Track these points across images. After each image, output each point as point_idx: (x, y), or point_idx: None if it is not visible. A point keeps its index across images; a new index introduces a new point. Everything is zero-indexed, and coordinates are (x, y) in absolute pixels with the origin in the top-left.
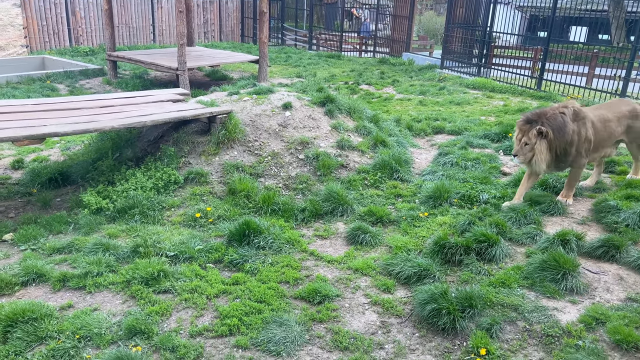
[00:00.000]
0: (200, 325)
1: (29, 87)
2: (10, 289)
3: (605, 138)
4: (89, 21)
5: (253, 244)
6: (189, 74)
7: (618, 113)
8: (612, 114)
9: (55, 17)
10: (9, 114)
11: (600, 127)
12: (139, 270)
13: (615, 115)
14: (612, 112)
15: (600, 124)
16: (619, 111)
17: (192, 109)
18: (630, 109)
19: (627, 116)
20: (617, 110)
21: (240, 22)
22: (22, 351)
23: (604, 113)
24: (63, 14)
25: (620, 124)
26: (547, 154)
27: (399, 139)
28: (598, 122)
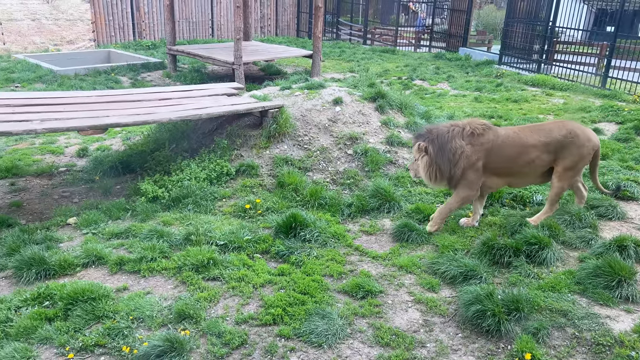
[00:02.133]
0: (245, 313)
1: (95, 79)
2: (72, 269)
3: (523, 165)
4: (151, 16)
5: (299, 236)
6: (245, 68)
7: (549, 138)
8: (541, 138)
9: (120, 12)
10: (76, 105)
11: (513, 153)
12: (190, 257)
13: (543, 140)
14: (541, 136)
15: (513, 150)
16: (552, 136)
17: (245, 103)
18: (565, 134)
19: (560, 143)
20: (550, 135)
21: (296, 17)
22: (81, 328)
23: (527, 137)
24: (128, 9)
25: (547, 150)
26: (428, 169)
27: None
28: (510, 147)
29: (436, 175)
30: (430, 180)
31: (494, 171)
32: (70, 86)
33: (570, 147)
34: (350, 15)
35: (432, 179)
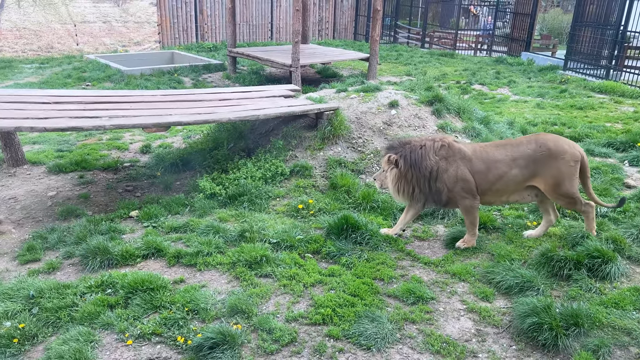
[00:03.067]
0: (296, 312)
1: (159, 79)
2: (133, 260)
3: (493, 181)
4: (214, 19)
5: (350, 238)
6: (301, 70)
7: (517, 153)
8: (508, 153)
9: (185, 15)
10: (141, 103)
11: (482, 168)
12: (244, 253)
13: (511, 155)
14: (509, 151)
15: (481, 164)
16: (520, 151)
17: (301, 105)
18: (535, 148)
19: (530, 157)
20: (518, 149)
21: (354, 20)
22: (140, 316)
23: (493, 152)
24: (192, 12)
25: (516, 165)
26: (396, 183)
27: None
28: (479, 161)
29: (404, 190)
30: (398, 193)
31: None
32: (136, 85)
33: (545, 161)
34: (408, 18)
35: (400, 192)
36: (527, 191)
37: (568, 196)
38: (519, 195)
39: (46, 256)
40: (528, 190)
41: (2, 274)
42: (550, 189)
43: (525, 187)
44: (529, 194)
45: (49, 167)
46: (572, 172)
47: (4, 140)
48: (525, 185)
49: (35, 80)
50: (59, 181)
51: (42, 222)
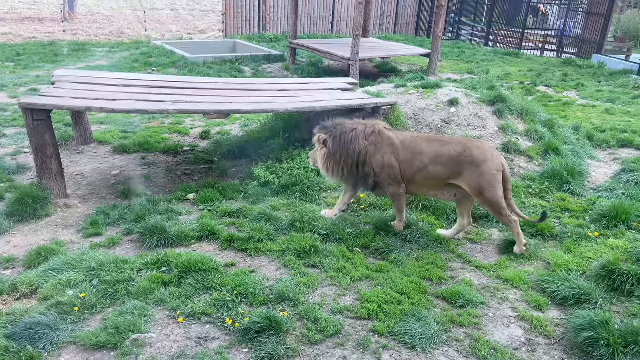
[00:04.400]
0: (342, 304)
1: (221, 67)
2: (187, 241)
3: (416, 172)
4: (276, 10)
5: (400, 236)
6: (360, 64)
7: (442, 151)
8: (435, 148)
9: (248, 5)
10: (203, 90)
11: (408, 158)
12: (294, 242)
13: (436, 151)
14: (436, 147)
15: (408, 154)
16: (445, 150)
17: (358, 99)
18: (460, 151)
19: (454, 159)
20: (444, 148)
21: (417, 15)
22: (191, 296)
23: (421, 145)
24: (255, 2)
25: (439, 162)
26: (325, 162)
27: (574, 148)
28: (406, 151)
29: (333, 169)
30: (327, 172)
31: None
32: (199, 72)
33: (467, 166)
34: (473, 15)
35: (329, 171)
36: (448, 189)
37: (492, 203)
38: (440, 192)
39: (107, 231)
40: (449, 189)
41: (67, 245)
42: (474, 193)
43: (447, 185)
44: (449, 192)
45: (114, 147)
46: (493, 180)
47: (75, 119)
48: (446, 183)
49: (105, 64)
50: (123, 161)
51: (105, 199)
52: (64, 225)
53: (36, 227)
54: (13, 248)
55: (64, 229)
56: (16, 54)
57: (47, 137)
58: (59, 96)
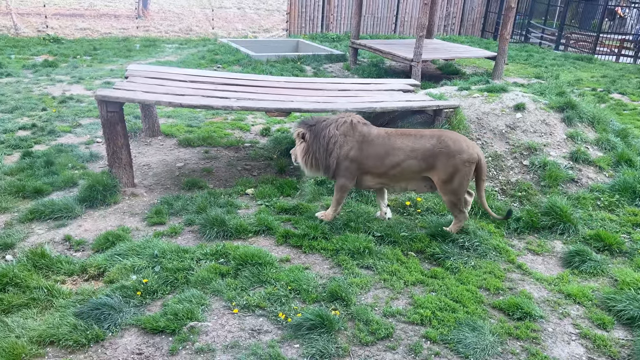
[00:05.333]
0: (394, 308)
1: (283, 66)
2: (245, 234)
3: (390, 166)
4: (340, 10)
5: (457, 242)
6: (422, 65)
7: (417, 144)
8: (409, 143)
9: (313, 5)
10: (266, 88)
11: (382, 153)
12: (348, 242)
13: (411, 145)
14: (410, 141)
15: (381, 149)
16: (420, 143)
17: (419, 100)
18: (435, 144)
19: (429, 151)
20: (419, 142)
21: (483, 17)
22: (247, 288)
23: (395, 140)
24: (320, 2)
25: (414, 156)
26: (304, 156)
27: None
28: (380, 146)
29: (312, 163)
30: (306, 166)
31: (366, 168)
32: (261, 70)
33: (440, 157)
34: (544, 17)
35: (308, 165)
36: (424, 182)
37: (453, 194)
38: (416, 185)
39: (170, 221)
40: (425, 181)
41: (133, 232)
42: (440, 182)
43: (422, 178)
44: (425, 185)
45: (180, 140)
46: (465, 172)
47: (144, 112)
48: (422, 176)
49: (173, 59)
50: (187, 154)
51: (169, 190)
52: (130, 213)
53: (105, 213)
54: (84, 232)
55: (130, 216)
56: (93, 49)
57: (118, 128)
58: (131, 90)
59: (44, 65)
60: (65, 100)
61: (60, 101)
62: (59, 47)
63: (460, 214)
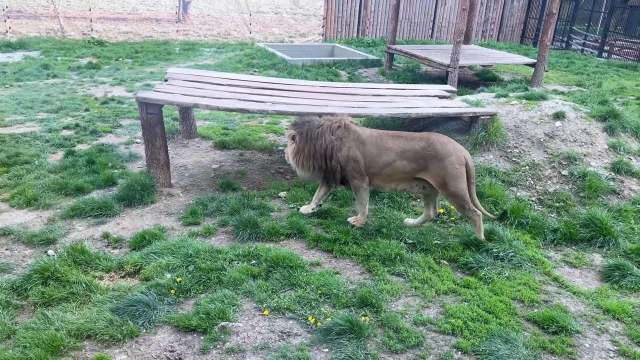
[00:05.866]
0: (425, 316)
1: (318, 70)
2: (277, 237)
3: (383, 166)
4: (376, 15)
5: (491, 252)
6: (459, 71)
7: (407, 146)
8: (400, 144)
9: (349, 10)
10: (301, 92)
11: (374, 153)
12: (379, 248)
13: (402, 147)
14: (401, 142)
15: (374, 149)
16: (410, 145)
17: (455, 107)
18: (424, 146)
19: (419, 153)
20: (409, 143)
21: (523, 23)
22: (277, 290)
23: (387, 140)
24: (357, 7)
25: (404, 157)
26: (295, 157)
27: None
28: (372, 145)
29: (302, 164)
30: (297, 166)
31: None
32: (297, 75)
33: (431, 160)
34: (587, 24)
35: (299, 166)
36: (415, 182)
37: (455, 196)
38: (408, 185)
39: (205, 221)
40: (416, 182)
41: (168, 231)
42: (438, 186)
43: (414, 179)
44: (417, 185)
45: (215, 142)
46: (457, 173)
47: (182, 114)
48: (413, 177)
49: (211, 63)
50: (222, 156)
51: (204, 191)
52: (167, 213)
53: (142, 212)
54: (121, 230)
55: (166, 216)
56: (134, 51)
57: (157, 130)
58: (171, 92)
59: (88, 67)
60: (107, 102)
61: (102, 102)
62: (102, 49)
63: (473, 214)
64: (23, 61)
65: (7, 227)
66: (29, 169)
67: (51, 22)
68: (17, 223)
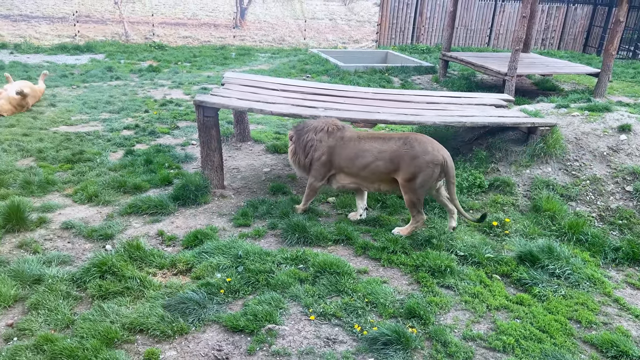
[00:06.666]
0: (474, 331)
1: (371, 77)
2: (324, 242)
3: (361, 167)
4: (432, 21)
5: (546, 269)
6: (517, 80)
7: (384, 147)
8: (379, 146)
9: (404, 16)
10: (353, 99)
11: (351, 155)
12: (429, 259)
13: (379, 148)
14: (378, 144)
15: (351, 151)
16: (387, 145)
17: (513, 117)
18: (400, 145)
19: (395, 152)
20: (386, 144)
21: (586, 31)
22: (324, 296)
23: (365, 142)
24: (412, 14)
25: (382, 157)
26: (292, 156)
27: None
28: (351, 148)
29: (298, 162)
30: (293, 164)
31: (340, 168)
32: (349, 81)
33: (405, 157)
34: None
35: (295, 165)
36: (396, 183)
37: (413, 192)
38: (389, 186)
39: (255, 223)
40: (396, 182)
41: (220, 231)
42: (402, 181)
43: (393, 179)
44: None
45: (267, 146)
46: (428, 172)
47: (237, 118)
48: (392, 177)
49: (265, 68)
50: (274, 160)
51: (255, 193)
52: (219, 214)
53: (195, 212)
54: (175, 228)
55: (218, 216)
56: (193, 56)
57: (213, 132)
58: (227, 96)
59: (148, 70)
60: (166, 104)
61: (161, 104)
62: (162, 53)
63: (418, 215)
64: (89, 63)
65: (70, 221)
66: (91, 166)
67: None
68: (79, 218)
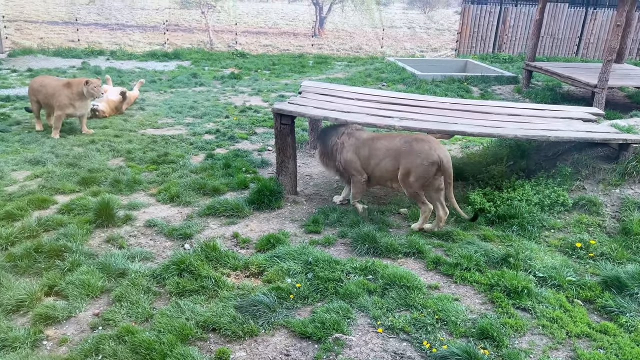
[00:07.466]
0: (552, 358)
1: (448, 86)
2: (394, 254)
3: (374, 166)
4: (515, 30)
5: (636, 297)
6: (607, 93)
7: (390, 144)
8: (387, 144)
9: (486, 25)
10: (429, 109)
11: (366, 154)
12: (504, 279)
13: (386, 146)
14: (386, 142)
15: (366, 150)
16: (392, 143)
17: (602, 132)
18: (403, 143)
19: (397, 150)
20: (392, 142)
21: None
22: (392, 309)
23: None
24: (494, 22)
25: (388, 155)
26: (319, 158)
27: None
28: (366, 148)
29: (326, 164)
30: (322, 166)
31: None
32: (426, 90)
33: (405, 154)
34: None
35: (324, 165)
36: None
37: (410, 186)
38: (398, 183)
39: (325, 231)
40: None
41: (291, 237)
42: (401, 177)
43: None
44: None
45: None
46: (422, 169)
47: (312, 126)
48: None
49: (341, 76)
50: None
51: (326, 201)
52: (291, 219)
53: (269, 216)
54: (249, 231)
55: (290, 222)
56: (272, 64)
57: (289, 140)
58: (303, 105)
59: (230, 77)
60: (245, 110)
61: (240, 110)
62: (244, 61)
63: (423, 205)
64: (176, 70)
65: (153, 219)
66: (174, 168)
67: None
68: (161, 217)
